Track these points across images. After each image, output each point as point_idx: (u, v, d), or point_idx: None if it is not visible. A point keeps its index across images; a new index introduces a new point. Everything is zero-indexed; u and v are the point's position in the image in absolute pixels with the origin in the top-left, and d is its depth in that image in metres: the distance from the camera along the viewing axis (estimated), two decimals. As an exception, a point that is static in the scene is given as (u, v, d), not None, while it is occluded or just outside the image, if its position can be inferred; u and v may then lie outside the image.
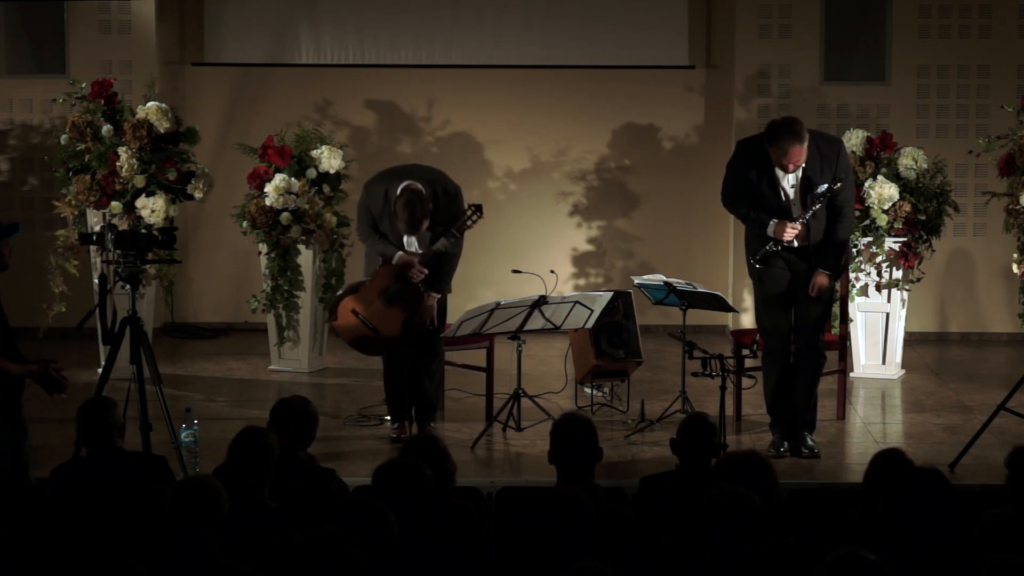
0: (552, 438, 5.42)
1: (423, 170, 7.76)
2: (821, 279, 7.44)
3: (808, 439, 7.56)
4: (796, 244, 7.39)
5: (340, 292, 7.97)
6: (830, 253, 7.44)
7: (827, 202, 7.34)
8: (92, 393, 6.77)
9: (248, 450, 5.22)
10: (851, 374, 9.28)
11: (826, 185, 7.30)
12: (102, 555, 4.60)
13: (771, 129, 7.29)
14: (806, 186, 7.33)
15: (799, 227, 7.34)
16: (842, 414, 8.23)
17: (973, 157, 9.47)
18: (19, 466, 6.26)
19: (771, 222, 7.36)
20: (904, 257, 9.17)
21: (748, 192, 7.43)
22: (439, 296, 7.74)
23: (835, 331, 8.46)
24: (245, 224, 9.26)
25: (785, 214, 7.36)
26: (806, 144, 7.24)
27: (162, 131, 9.07)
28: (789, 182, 7.36)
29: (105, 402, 5.83)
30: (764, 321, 7.65)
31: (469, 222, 7.58)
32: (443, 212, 7.58)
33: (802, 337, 7.57)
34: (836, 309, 8.52)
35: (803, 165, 7.30)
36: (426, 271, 7.58)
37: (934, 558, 4.60)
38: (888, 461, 5.22)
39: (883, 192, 9.00)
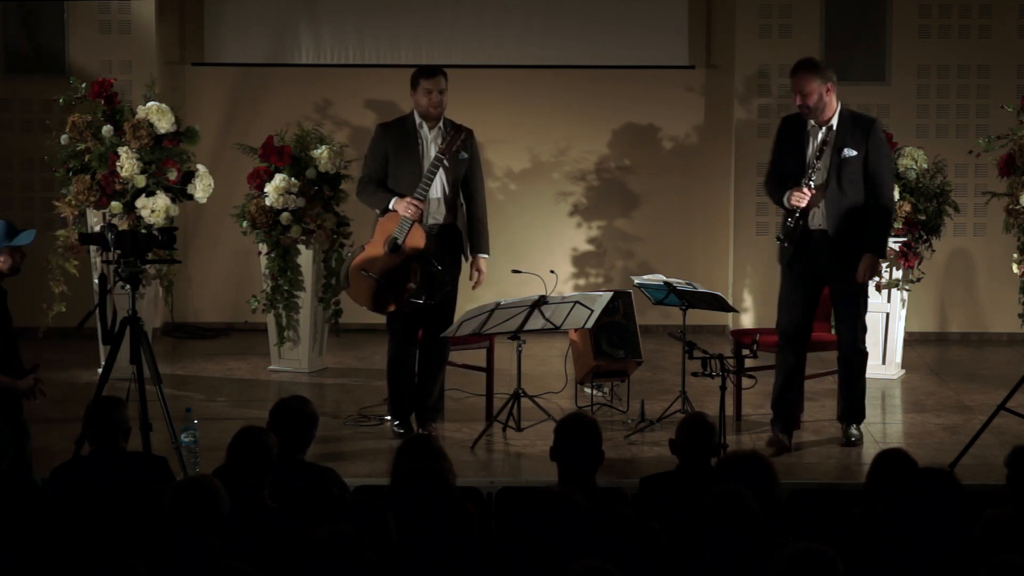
0: (556, 435, 5.43)
1: None
2: (865, 263, 7.42)
3: (852, 428, 7.67)
4: (804, 207, 7.35)
5: (347, 259, 7.94)
6: (871, 230, 7.44)
7: (857, 175, 7.34)
8: (92, 393, 6.78)
9: (247, 450, 5.22)
10: (851, 374, 9.29)
11: (850, 151, 7.34)
12: (102, 555, 4.60)
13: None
14: (836, 157, 7.37)
15: (807, 191, 7.35)
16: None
17: (973, 157, 9.46)
18: (22, 467, 6.27)
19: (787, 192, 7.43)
20: (904, 257, 9.17)
21: (783, 170, 7.50)
22: (487, 256, 7.82)
23: (835, 331, 8.44)
24: (245, 224, 9.26)
25: (800, 170, 7.44)
26: (818, 80, 7.33)
27: (162, 131, 9.07)
28: (813, 149, 7.40)
29: (113, 402, 5.84)
30: (779, 317, 7.68)
31: (454, 144, 7.57)
32: (467, 138, 7.73)
33: (840, 336, 7.66)
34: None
35: (832, 125, 7.37)
36: (421, 205, 7.55)
37: (935, 558, 4.60)
38: (891, 461, 5.22)
39: (883, 192, 8.99)
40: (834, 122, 7.45)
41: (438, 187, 7.67)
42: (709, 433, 5.65)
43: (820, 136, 7.43)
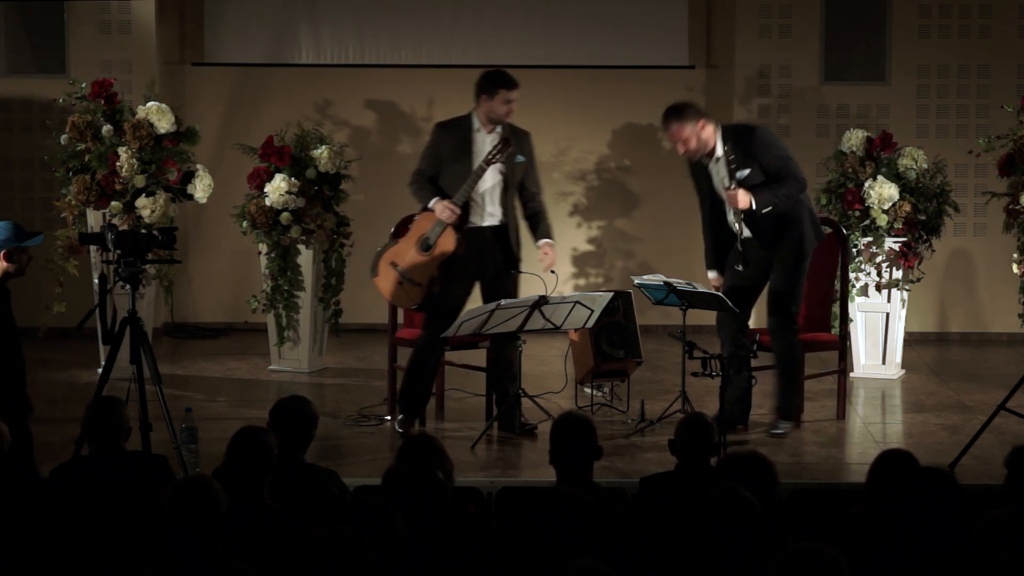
0: (551, 438, 5.42)
1: None
2: (737, 191, 7.58)
3: (779, 424, 7.76)
4: (741, 209, 7.60)
5: (381, 248, 8.01)
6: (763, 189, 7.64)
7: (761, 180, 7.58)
8: (92, 393, 6.79)
9: (246, 450, 5.22)
10: (851, 374, 9.28)
11: (743, 171, 7.56)
12: (102, 555, 4.60)
13: None
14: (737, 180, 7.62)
15: (735, 191, 7.54)
16: (842, 414, 8.23)
17: (973, 157, 9.47)
18: (24, 467, 6.27)
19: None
20: (904, 257, 9.17)
21: (714, 211, 7.83)
22: (552, 242, 7.90)
23: (835, 331, 8.45)
24: (245, 224, 9.26)
25: (722, 205, 7.72)
26: (688, 125, 7.64)
27: (162, 131, 9.07)
28: (718, 181, 7.70)
29: (113, 401, 5.84)
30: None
31: (498, 155, 7.63)
32: (522, 141, 7.82)
33: (769, 314, 7.87)
34: (836, 309, 8.52)
35: (718, 155, 7.64)
36: (459, 211, 7.62)
37: (935, 558, 4.60)
38: (892, 461, 5.21)
39: (883, 192, 9.00)
40: (718, 150, 7.65)
41: (497, 189, 7.75)
42: (709, 433, 5.65)
43: (718, 167, 7.67)
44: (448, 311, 7.67)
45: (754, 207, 7.58)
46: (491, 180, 7.74)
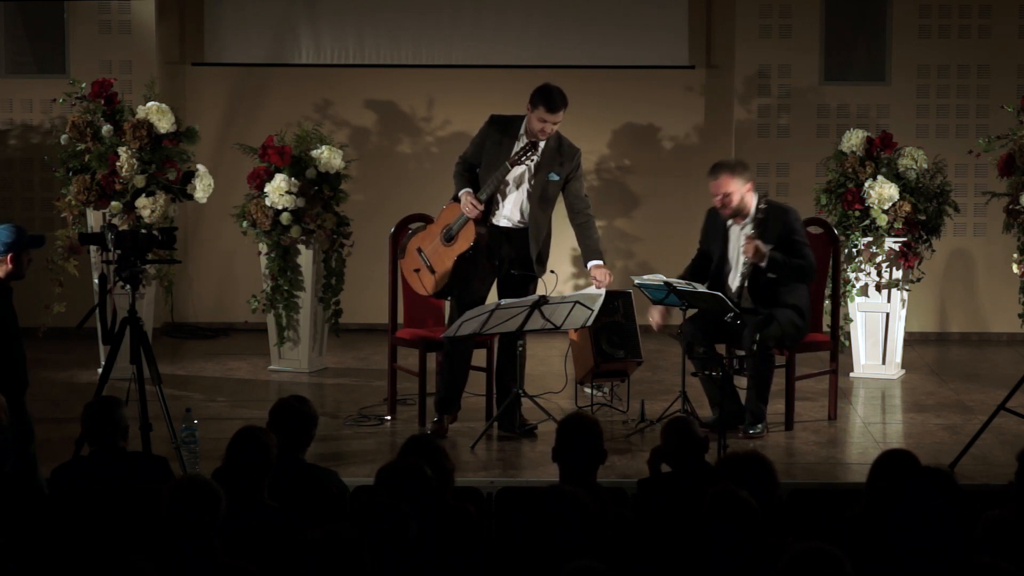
0: (557, 436, 5.43)
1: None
2: (756, 241, 7.69)
3: (755, 424, 7.83)
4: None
5: (411, 232, 8.11)
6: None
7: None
8: (92, 393, 6.78)
9: (246, 450, 5.22)
10: (851, 374, 9.30)
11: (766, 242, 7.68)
12: (102, 555, 4.60)
13: None
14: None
15: (753, 242, 7.65)
16: (834, 414, 8.22)
17: (973, 157, 9.46)
18: (27, 468, 6.28)
19: None
20: (904, 257, 9.17)
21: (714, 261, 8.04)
22: (601, 263, 7.90)
23: (827, 330, 8.44)
24: (245, 224, 9.26)
25: (726, 271, 7.94)
26: (737, 181, 7.83)
27: (162, 131, 9.07)
28: (736, 240, 7.88)
29: (112, 401, 5.84)
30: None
31: (524, 157, 7.63)
32: (564, 163, 7.79)
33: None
34: (827, 305, 8.50)
35: (747, 221, 7.82)
36: (481, 206, 7.66)
37: (934, 558, 4.60)
38: (892, 461, 5.21)
39: (883, 192, 9.00)
40: (750, 217, 7.81)
41: (523, 192, 7.76)
42: (693, 433, 5.65)
43: (742, 233, 7.80)
44: (469, 302, 7.73)
45: (765, 262, 7.60)
46: (514, 183, 7.76)
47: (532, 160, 7.70)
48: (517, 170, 7.71)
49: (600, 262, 7.90)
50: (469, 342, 7.82)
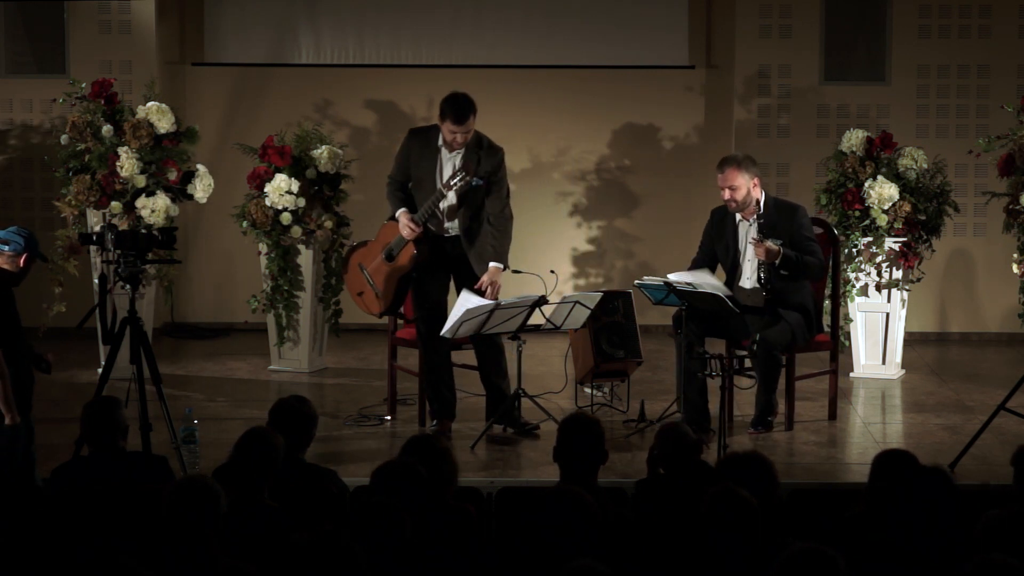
0: (559, 435, 5.43)
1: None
2: (766, 242, 7.69)
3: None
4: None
5: (351, 247, 8.18)
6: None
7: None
8: (92, 393, 6.78)
9: (254, 450, 5.22)
10: (851, 374, 9.30)
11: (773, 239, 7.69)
12: (102, 555, 4.60)
13: None
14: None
15: (762, 243, 7.64)
16: (833, 414, 8.22)
17: (973, 157, 9.46)
18: (26, 466, 6.28)
19: None
20: (904, 257, 9.17)
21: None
22: (501, 266, 7.76)
23: (827, 330, 8.43)
24: (245, 224, 9.26)
25: (739, 264, 7.99)
26: (744, 175, 7.81)
27: (162, 131, 9.07)
28: (745, 232, 7.89)
29: (111, 401, 5.84)
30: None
31: (458, 182, 7.60)
32: (483, 164, 7.71)
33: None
34: (827, 305, 8.50)
35: (755, 214, 7.85)
36: (418, 228, 7.66)
37: (934, 558, 4.60)
38: (892, 461, 5.21)
39: (883, 192, 9.00)
40: (759, 209, 7.83)
41: (453, 206, 7.76)
42: (685, 438, 5.65)
43: (752, 227, 7.86)
44: (429, 307, 7.77)
45: (778, 260, 7.61)
46: (450, 199, 7.76)
47: (466, 184, 7.63)
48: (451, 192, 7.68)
49: (500, 265, 7.76)
50: (444, 347, 7.83)
